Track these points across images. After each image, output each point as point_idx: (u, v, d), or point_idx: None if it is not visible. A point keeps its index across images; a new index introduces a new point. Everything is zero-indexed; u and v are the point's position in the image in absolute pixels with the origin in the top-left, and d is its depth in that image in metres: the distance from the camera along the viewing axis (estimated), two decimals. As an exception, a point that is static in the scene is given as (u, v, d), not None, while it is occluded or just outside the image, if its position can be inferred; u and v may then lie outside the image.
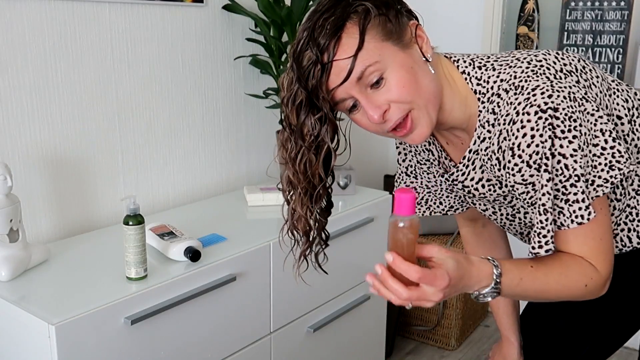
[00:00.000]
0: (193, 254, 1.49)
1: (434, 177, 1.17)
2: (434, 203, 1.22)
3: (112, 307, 1.32)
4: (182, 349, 1.49)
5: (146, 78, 1.87)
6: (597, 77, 1.01)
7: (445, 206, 1.22)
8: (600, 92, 1.00)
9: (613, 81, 1.05)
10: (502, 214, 1.15)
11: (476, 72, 1.00)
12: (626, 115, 1.03)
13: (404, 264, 0.84)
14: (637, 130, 1.05)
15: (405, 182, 1.24)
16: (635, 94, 1.09)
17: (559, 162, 0.91)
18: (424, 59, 0.96)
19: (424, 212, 1.24)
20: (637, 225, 1.09)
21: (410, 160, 1.21)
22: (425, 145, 1.15)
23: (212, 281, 1.51)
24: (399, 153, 1.23)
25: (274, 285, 1.70)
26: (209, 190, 2.13)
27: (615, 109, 1.02)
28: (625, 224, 1.09)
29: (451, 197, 1.21)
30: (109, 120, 1.79)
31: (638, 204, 1.08)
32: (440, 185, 1.17)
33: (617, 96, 1.03)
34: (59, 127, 1.68)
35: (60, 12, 1.63)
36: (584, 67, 1.00)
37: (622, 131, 1.02)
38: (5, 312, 1.33)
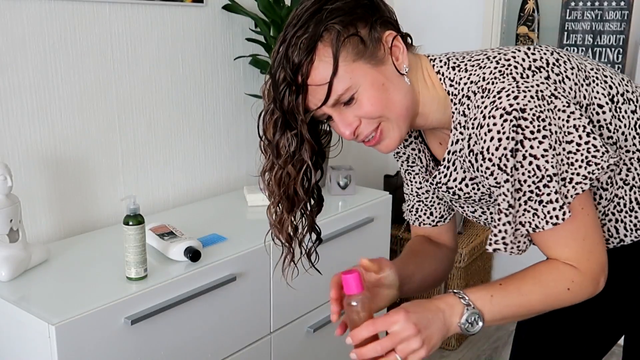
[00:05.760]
0: (193, 254, 1.49)
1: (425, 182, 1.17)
2: (424, 214, 1.21)
3: (112, 307, 1.32)
4: (182, 349, 1.49)
5: (146, 78, 1.87)
6: (572, 68, 0.99)
7: (436, 217, 1.21)
8: (576, 84, 0.98)
9: (592, 69, 1.03)
10: (491, 213, 1.14)
11: (449, 73, 1.00)
12: (607, 103, 1.01)
13: (359, 331, 0.89)
14: (622, 117, 1.02)
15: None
16: (622, 79, 1.06)
17: (530, 163, 0.90)
18: (399, 72, 0.97)
19: (414, 222, 1.23)
20: (625, 217, 1.07)
21: (402, 166, 1.22)
22: (415, 153, 1.15)
23: (212, 281, 1.51)
24: (397, 159, 1.23)
25: (274, 285, 1.70)
26: (209, 190, 2.13)
27: (595, 98, 1.00)
28: (613, 214, 1.07)
29: (441, 204, 1.21)
30: (109, 120, 1.79)
31: (626, 195, 1.06)
32: (430, 191, 1.16)
33: (597, 84, 1.01)
34: (59, 127, 1.68)
35: (60, 12, 1.63)
36: (557, 60, 0.98)
37: (605, 120, 1.01)
38: (5, 312, 1.33)
